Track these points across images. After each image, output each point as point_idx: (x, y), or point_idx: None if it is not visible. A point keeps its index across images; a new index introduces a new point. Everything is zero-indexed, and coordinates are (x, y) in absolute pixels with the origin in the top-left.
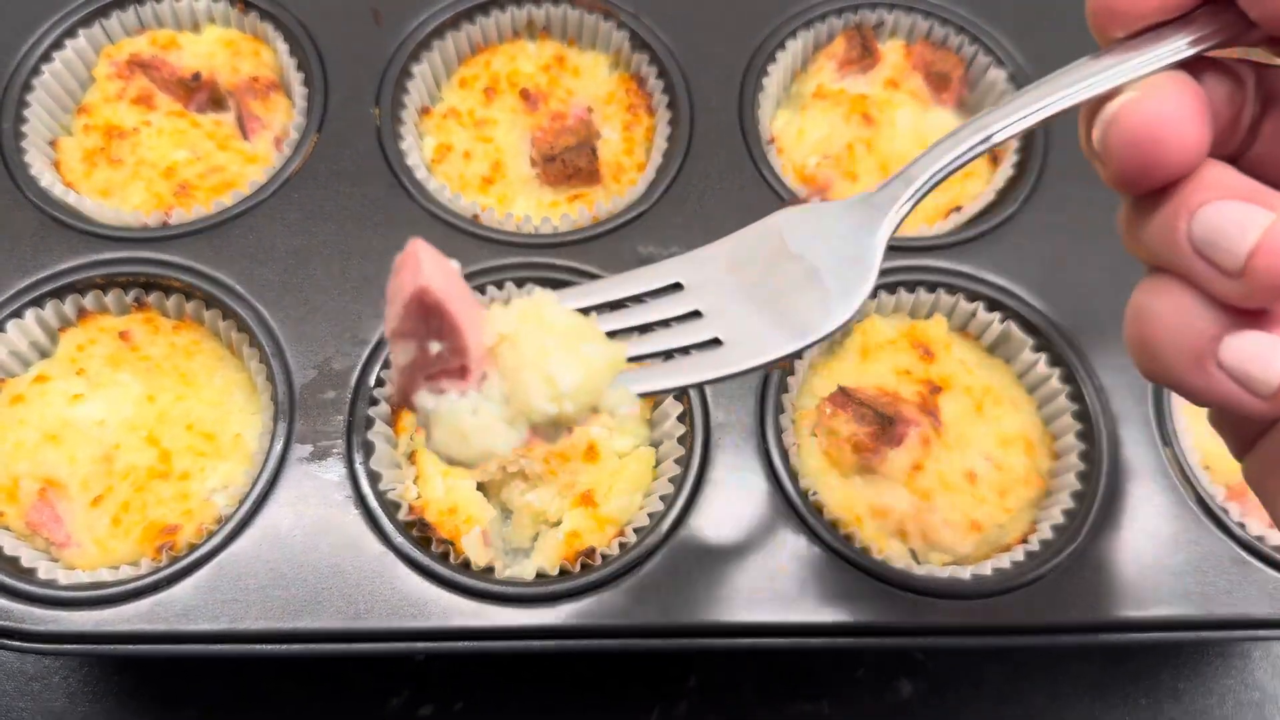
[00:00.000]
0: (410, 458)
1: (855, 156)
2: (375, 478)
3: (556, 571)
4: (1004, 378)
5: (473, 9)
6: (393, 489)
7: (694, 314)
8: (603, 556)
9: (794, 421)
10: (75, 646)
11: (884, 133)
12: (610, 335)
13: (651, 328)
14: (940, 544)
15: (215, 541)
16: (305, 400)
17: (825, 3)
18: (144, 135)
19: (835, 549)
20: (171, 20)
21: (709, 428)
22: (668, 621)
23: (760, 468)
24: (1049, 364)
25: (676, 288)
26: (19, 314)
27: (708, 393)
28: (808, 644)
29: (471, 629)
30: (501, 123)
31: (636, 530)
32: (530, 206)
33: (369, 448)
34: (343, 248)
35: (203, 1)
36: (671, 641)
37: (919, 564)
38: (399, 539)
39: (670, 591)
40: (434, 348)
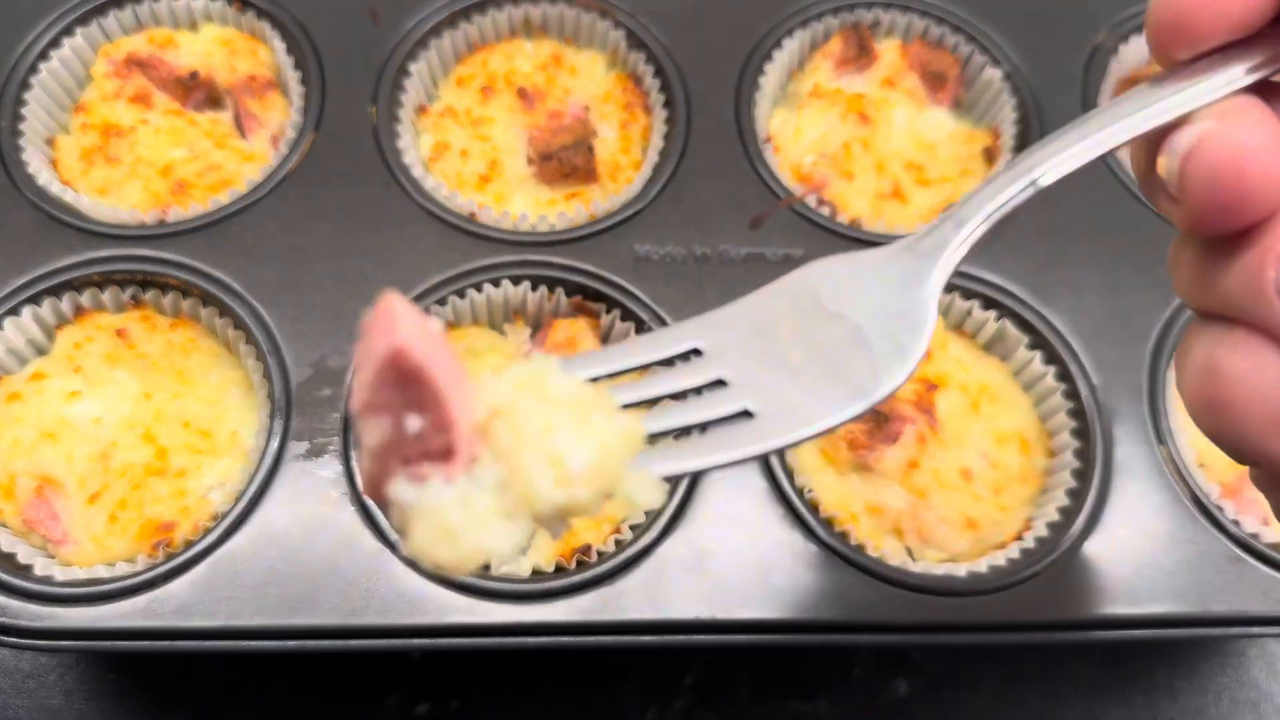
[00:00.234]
0: None
1: (852, 155)
2: None
3: (552, 568)
4: (999, 376)
5: (470, 8)
6: None
7: (719, 383)
8: (599, 553)
9: None
10: (71, 643)
11: (880, 132)
12: (623, 409)
13: (672, 400)
14: (936, 541)
15: (211, 538)
16: (301, 398)
17: (821, 2)
18: (141, 134)
19: (831, 546)
20: (169, 19)
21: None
22: (663, 618)
23: (756, 465)
24: (1044, 362)
25: (695, 354)
26: (16, 311)
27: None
28: (803, 641)
29: (467, 625)
30: (498, 121)
31: (633, 528)
32: (527, 205)
33: None
34: (339, 246)
35: (200, 0)
36: (667, 638)
37: (914, 561)
38: (395, 536)
39: (666, 588)
40: (413, 424)
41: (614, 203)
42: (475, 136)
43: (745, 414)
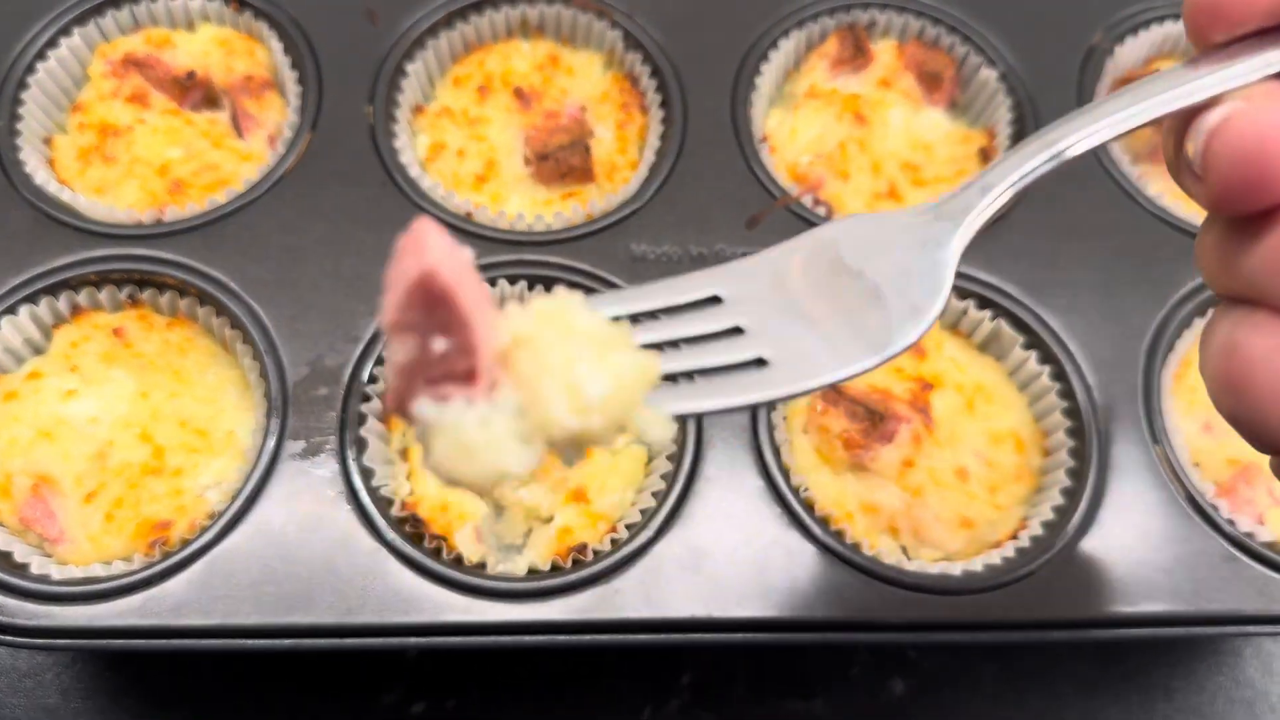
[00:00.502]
0: (403, 454)
1: (848, 156)
2: (368, 474)
3: (548, 567)
4: (995, 375)
5: (466, 8)
6: (385, 485)
7: (736, 330)
8: (594, 552)
9: (786, 418)
10: (68, 641)
11: (876, 132)
12: (642, 348)
13: (689, 343)
14: (931, 540)
15: (208, 537)
16: (298, 397)
17: (818, 2)
18: (138, 133)
19: (827, 545)
20: (166, 19)
21: (701, 424)
22: (660, 617)
23: (752, 464)
24: (1039, 362)
25: (715, 300)
26: (13, 310)
27: None
28: (799, 639)
29: (463, 624)
30: (495, 121)
31: (628, 526)
32: (524, 204)
33: (361, 444)
34: (336, 245)
35: (197, 0)
36: (663, 637)
37: (910, 560)
38: (391, 535)
39: (662, 587)
40: (438, 345)
41: (610, 202)
42: (472, 136)
43: (760, 361)
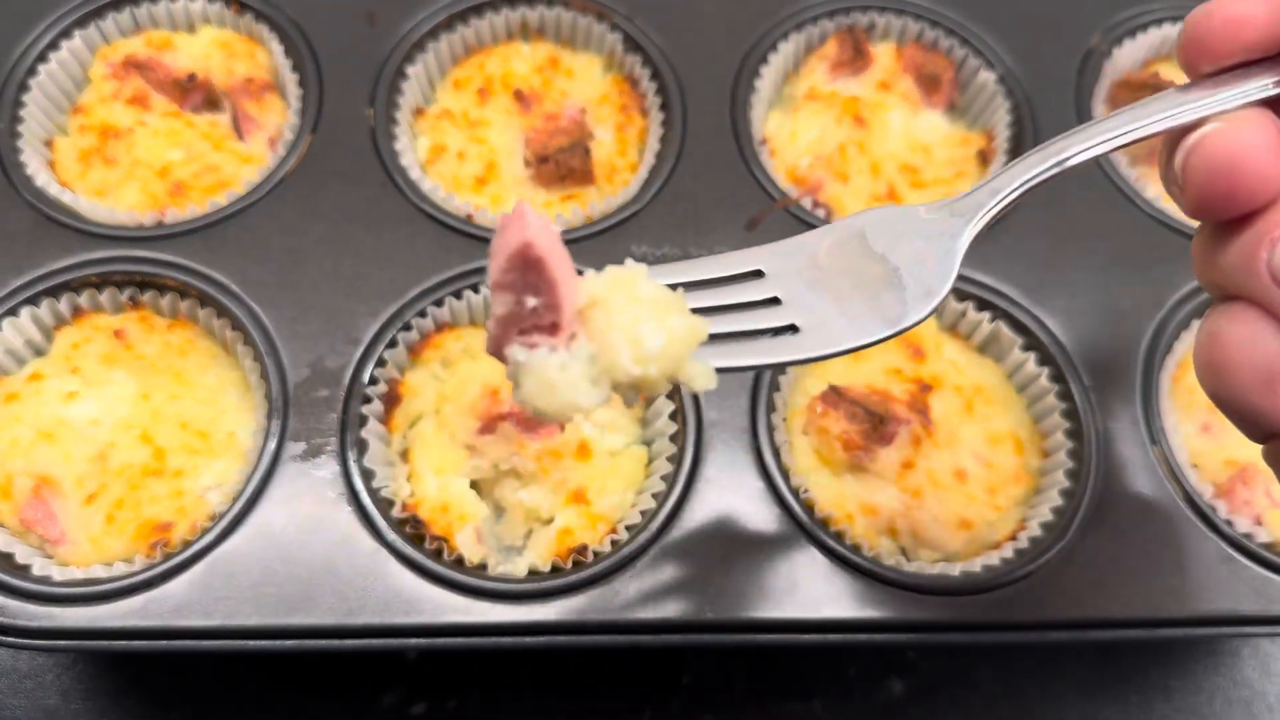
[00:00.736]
0: (403, 456)
1: (847, 158)
2: (368, 475)
3: (549, 568)
4: (993, 377)
5: (467, 10)
6: (386, 486)
7: (773, 300)
8: (595, 554)
9: (785, 420)
10: (68, 643)
11: (875, 134)
12: (694, 312)
13: (733, 309)
14: (930, 541)
15: (209, 539)
16: (299, 398)
17: (817, 5)
18: (139, 135)
19: (826, 546)
20: (167, 21)
21: (701, 426)
22: (660, 618)
23: (752, 465)
24: (1038, 363)
25: (758, 274)
26: (14, 312)
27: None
28: (798, 640)
29: (464, 625)
30: (495, 124)
31: (628, 528)
32: None
33: (362, 445)
34: (336, 247)
35: (198, 2)
36: (663, 638)
37: (909, 561)
38: (392, 536)
39: (662, 588)
40: (530, 302)
41: (610, 205)
42: (472, 139)
43: (792, 327)
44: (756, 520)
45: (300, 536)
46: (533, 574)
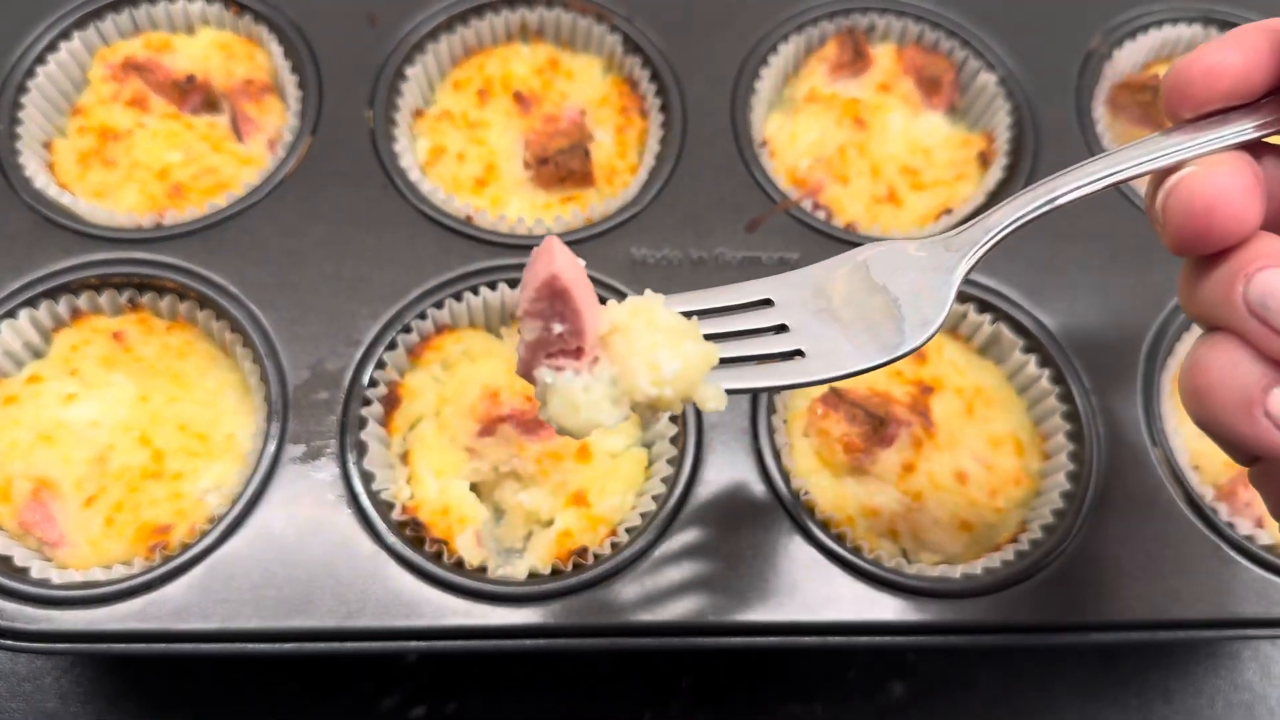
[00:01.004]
0: (403, 458)
1: (847, 160)
2: (368, 478)
3: (549, 571)
4: (994, 379)
5: (466, 12)
6: (386, 489)
7: (781, 327)
8: (595, 556)
9: (786, 422)
10: (67, 645)
11: (875, 136)
12: (707, 338)
13: (743, 335)
14: (931, 543)
15: (208, 541)
16: (298, 400)
17: (817, 7)
18: (138, 137)
19: (827, 548)
20: (166, 23)
21: (701, 428)
22: (660, 620)
23: (752, 468)
24: (1039, 365)
25: (767, 303)
26: (13, 314)
27: None
28: (799, 643)
29: (464, 628)
30: (495, 125)
31: (628, 530)
32: (523, 208)
33: (362, 448)
34: (336, 249)
35: (197, 4)
36: (663, 640)
37: (909, 563)
38: (391, 538)
39: (662, 591)
40: (557, 328)
41: (610, 206)
42: (472, 140)
43: (798, 353)
44: (757, 522)
45: (300, 539)
46: (533, 576)
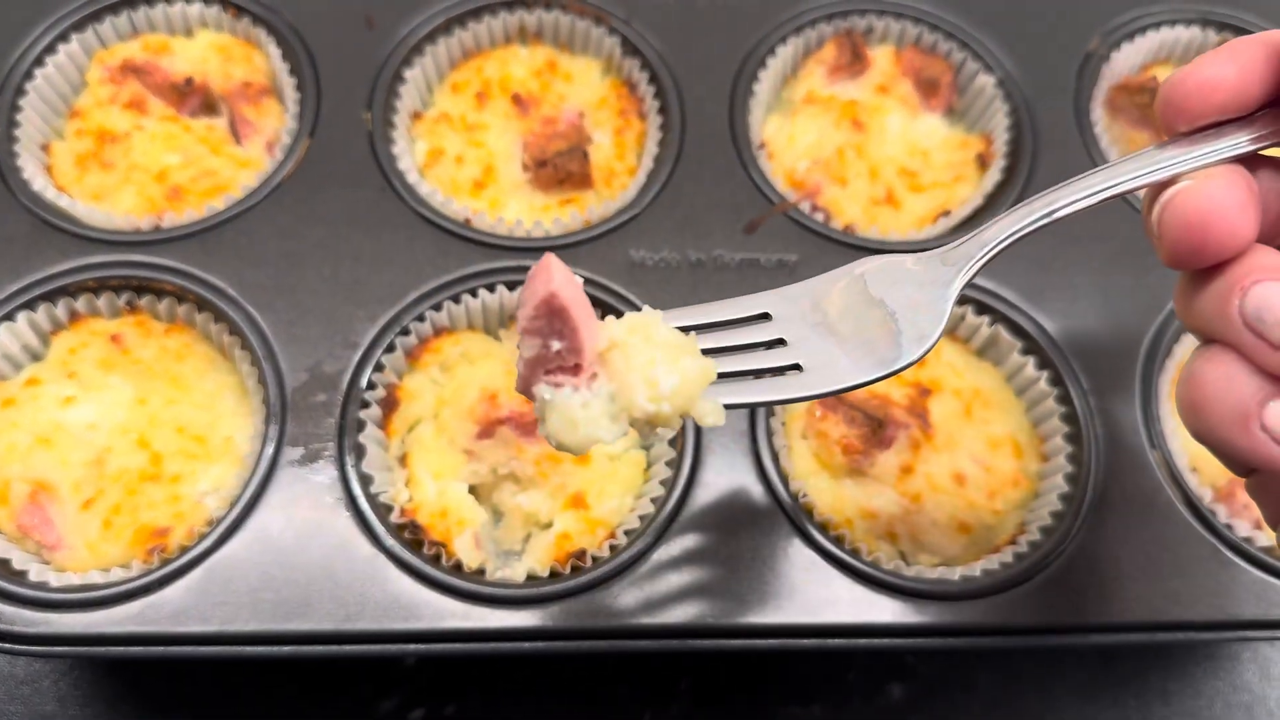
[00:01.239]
0: (402, 461)
1: (845, 161)
2: (366, 480)
3: (547, 573)
4: (993, 381)
5: (465, 14)
6: (384, 492)
7: (779, 341)
8: (593, 558)
9: (784, 424)
10: (66, 649)
11: (874, 138)
12: (705, 353)
13: (741, 350)
14: (929, 545)
15: (206, 544)
16: (296, 403)
17: (815, 9)
18: (136, 139)
19: (825, 551)
20: (164, 25)
21: (700, 430)
22: (659, 623)
23: (751, 470)
24: (1037, 367)
25: (765, 317)
26: (10, 317)
27: None
28: (798, 645)
29: (462, 631)
30: (493, 127)
31: (627, 532)
32: (522, 210)
33: (360, 450)
34: (334, 251)
35: (195, 6)
36: (662, 643)
37: (908, 565)
38: (390, 541)
39: (661, 593)
40: (555, 346)
41: (609, 208)
42: (470, 142)
43: (796, 367)
44: (755, 525)
45: (298, 542)
46: (531, 579)
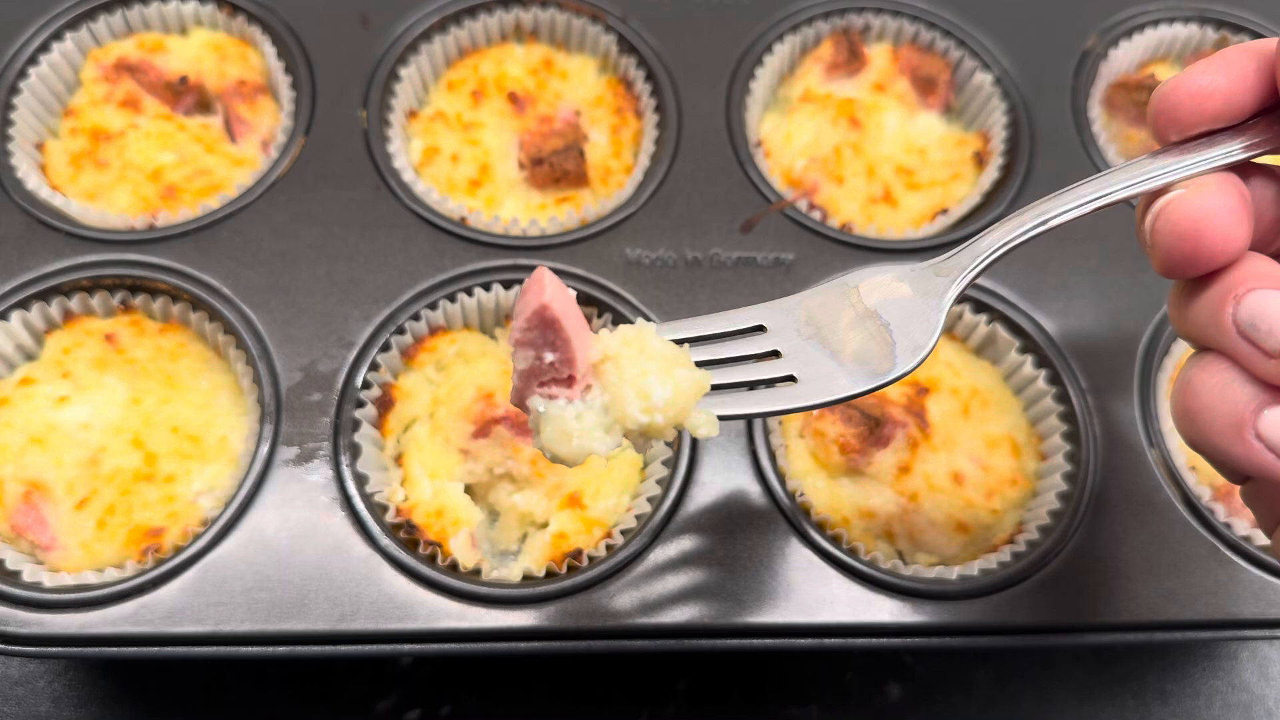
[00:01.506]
0: (397, 460)
1: (842, 160)
2: (362, 480)
3: (543, 573)
4: (991, 379)
5: (460, 12)
6: (379, 491)
7: (773, 353)
8: (589, 558)
9: (781, 423)
10: (60, 649)
11: (871, 136)
12: (699, 365)
13: (735, 362)
14: (927, 545)
15: (201, 544)
16: (291, 402)
17: (812, 7)
18: (130, 138)
19: (823, 550)
20: (159, 23)
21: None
22: (655, 623)
23: (748, 469)
24: (1035, 366)
25: (760, 329)
26: (4, 316)
27: None
28: (795, 645)
29: (458, 631)
30: (489, 126)
31: (624, 532)
32: (518, 209)
33: (355, 450)
34: (329, 250)
35: (190, 4)
36: (658, 643)
37: (906, 565)
38: (386, 541)
39: (657, 593)
40: (548, 358)
41: (605, 207)
42: (466, 141)
43: (790, 378)
44: (752, 524)
45: (293, 542)
46: (527, 579)
